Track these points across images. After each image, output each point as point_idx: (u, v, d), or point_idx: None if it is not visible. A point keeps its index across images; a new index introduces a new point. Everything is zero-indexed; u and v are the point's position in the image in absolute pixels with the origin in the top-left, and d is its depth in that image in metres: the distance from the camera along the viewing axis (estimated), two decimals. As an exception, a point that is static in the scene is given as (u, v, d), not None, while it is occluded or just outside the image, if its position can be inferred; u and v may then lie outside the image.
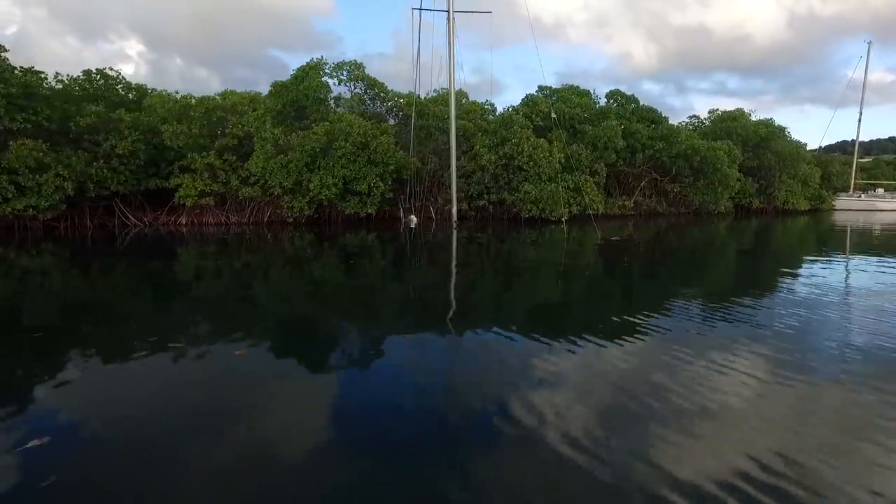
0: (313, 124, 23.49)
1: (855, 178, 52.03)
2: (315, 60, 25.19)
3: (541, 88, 32.13)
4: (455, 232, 21.52)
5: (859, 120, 53.75)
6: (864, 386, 4.89)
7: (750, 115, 41.05)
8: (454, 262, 14.30)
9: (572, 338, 6.32)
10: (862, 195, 50.49)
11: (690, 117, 40.46)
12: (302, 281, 11.77)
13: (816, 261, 14.25)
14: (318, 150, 22.27)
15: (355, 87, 28.14)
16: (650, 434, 3.91)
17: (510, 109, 28.95)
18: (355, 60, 27.25)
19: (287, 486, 3.29)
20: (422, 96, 27.18)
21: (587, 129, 27.13)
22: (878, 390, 4.77)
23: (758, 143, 37.41)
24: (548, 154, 24.35)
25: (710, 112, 39.69)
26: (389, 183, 23.75)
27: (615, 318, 7.46)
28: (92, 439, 3.91)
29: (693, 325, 6.98)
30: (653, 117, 31.68)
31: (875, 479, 3.35)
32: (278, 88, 25.30)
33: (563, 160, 25.32)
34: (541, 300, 9.36)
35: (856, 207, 47.83)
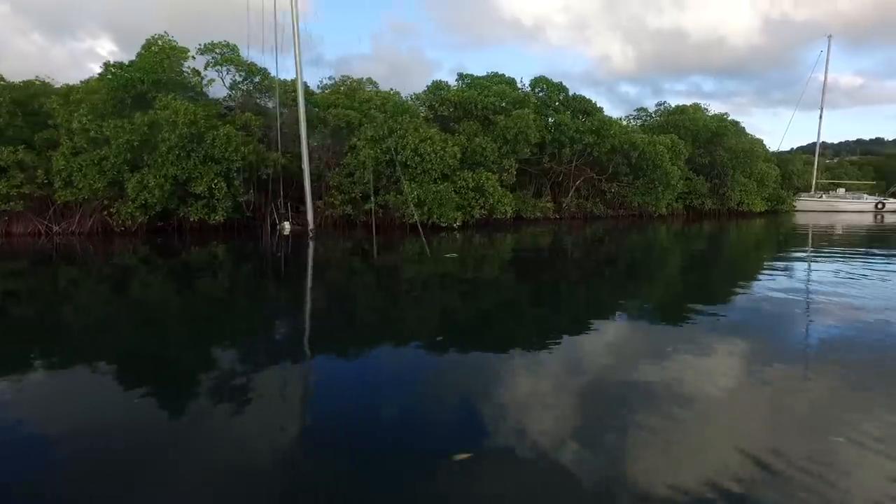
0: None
1: (817, 178, 49.07)
2: (156, 36, 20.37)
3: (460, 76, 27.85)
4: (311, 243, 17.14)
5: (820, 118, 51.21)
6: (827, 377, 5.20)
7: (706, 109, 37.42)
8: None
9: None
10: (823, 195, 47.43)
11: (638, 110, 36.48)
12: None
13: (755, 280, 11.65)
14: (136, 143, 17.48)
15: (232, 74, 23.40)
16: (625, 433, 3.91)
17: (411, 97, 24.49)
18: (227, 42, 22.51)
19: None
20: (310, 84, 22.78)
21: (499, 120, 22.73)
22: (842, 380, 5.09)
23: (709, 139, 33.59)
24: (440, 148, 19.88)
25: (657, 105, 35.76)
26: (239, 183, 19.06)
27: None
28: None
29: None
30: (586, 108, 27.46)
31: (846, 466, 3.48)
32: (115, 70, 20.41)
33: (462, 155, 20.96)
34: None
35: (817, 208, 44.82)
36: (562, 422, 4.12)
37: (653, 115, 35.48)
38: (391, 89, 25.56)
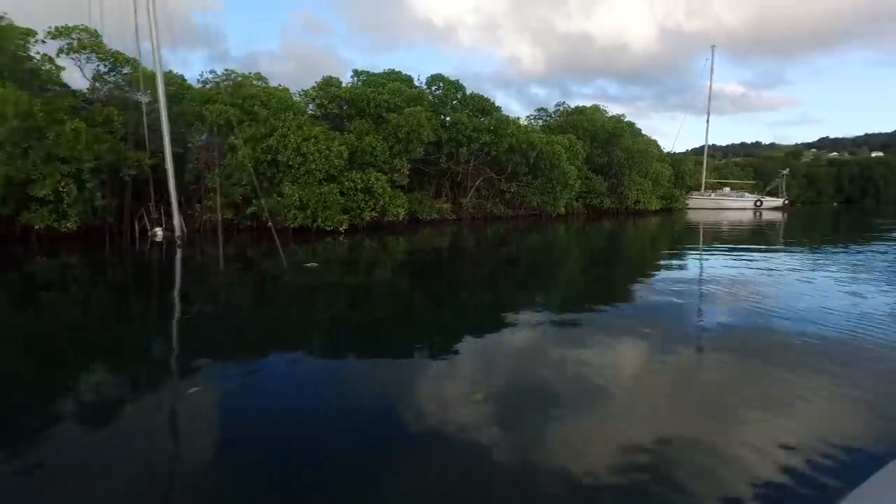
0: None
1: (706, 178, 52.39)
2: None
3: (356, 73, 26.69)
4: (179, 251, 15.40)
5: (707, 122, 54.85)
6: (724, 358, 5.59)
7: (605, 111, 38.55)
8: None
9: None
10: (712, 194, 50.72)
11: (538, 110, 36.94)
12: None
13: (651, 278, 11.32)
14: (-44, 138, 14.94)
15: (95, 63, 20.81)
16: (539, 426, 3.94)
17: (299, 94, 23.03)
18: (86, 26, 19.95)
19: None
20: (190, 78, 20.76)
21: (392, 118, 21.82)
22: (737, 360, 5.51)
23: (607, 140, 34.60)
24: (325, 148, 18.67)
25: (557, 105, 36.36)
26: (95, 186, 16.85)
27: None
28: None
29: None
30: (484, 107, 27.19)
31: (742, 433, 3.84)
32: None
33: (352, 155, 19.88)
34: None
35: (706, 206, 47.78)
36: (476, 421, 4.06)
37: (553, 116, 36.05)
38: (280, 85, 23.99)
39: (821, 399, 4.54)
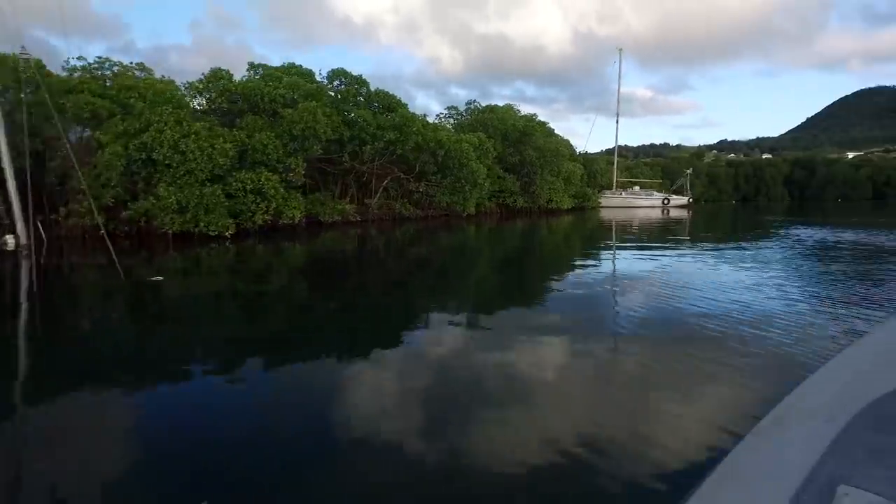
0: None
1: (617, 177, 54.26)
2: None
3: (251, 66, 24.92)
4: (24, 262, 13.32)
5: (616, 122, 56.62)
6: (641, 350, 5.72)
7: (517, 110, 38.71)
8: None
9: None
10: (622, 192, 52.52)
11: (449, 108, 36.50)
12: None
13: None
14: None
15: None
16: (465, 425, 3.93)
17: (184, 86, 21.09)
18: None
19: None
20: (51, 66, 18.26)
21: (286, 114, 20.41)
22: (651, 350, 5.71)
23: (518, 139, 34.68)
24: (208, 145, 17.05)
25: (467, 104, 36.06)
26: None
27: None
28: None
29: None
30: (389, 104, 26.27)
31: (664, 423, 3.99)
32: None
33: (242, 154, 18.37)
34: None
35: (618, 204, 49.34)
36: (394, 429, 3.91)
37: (464, 114, 35.72)
38: (163, 76, 21.91)
39: (723, 384, 4.80)
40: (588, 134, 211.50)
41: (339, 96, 24.91)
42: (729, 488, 1.07)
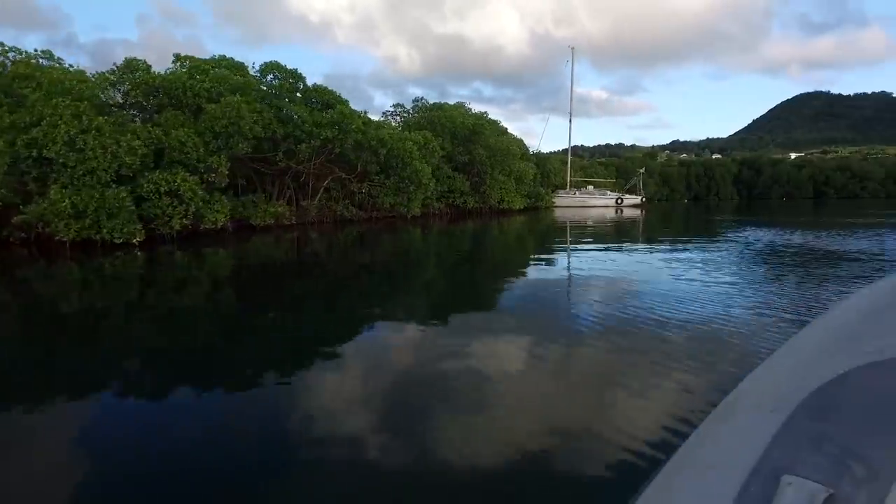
0: None
1: (571, 177, 54.15)
2: None
3: (177, 57, 23.06)
4: None
5: (570, 121, 56.61)
6: (599, 345, 5.82)
7: (469, 108, 37.82)
8: None
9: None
10: (577, 192, 52.39)
11: (395, 106, 35.27)
12: None
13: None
14: None
15: None
16: (433, 426, 3.92)
17: (94, 76, 19.14)
18: None
19: None
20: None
21: (210, 109, 18.77)
22: (611, 346, 5.81)
23: (467, 137, 33.72)
24: (112, 142, 15.32)
25: (415, 101, 34.92)
26: None
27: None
28: None
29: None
30: (328, 100, 24.84)
31: (622, 415, 4.10)
32: None
33: (159, 152, 16.69)
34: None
35: (572, 204, 49.13)
36: (355, 436, 3.79)
37: (410, 112, 34.55)
38: (71, 65, 19.87)
39: (679, 379, 4.78)
40: (542, 133, 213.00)
41: (274, 91, 23.31)
42: (679, 481, 1.09)
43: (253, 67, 24.46)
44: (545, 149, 77.52)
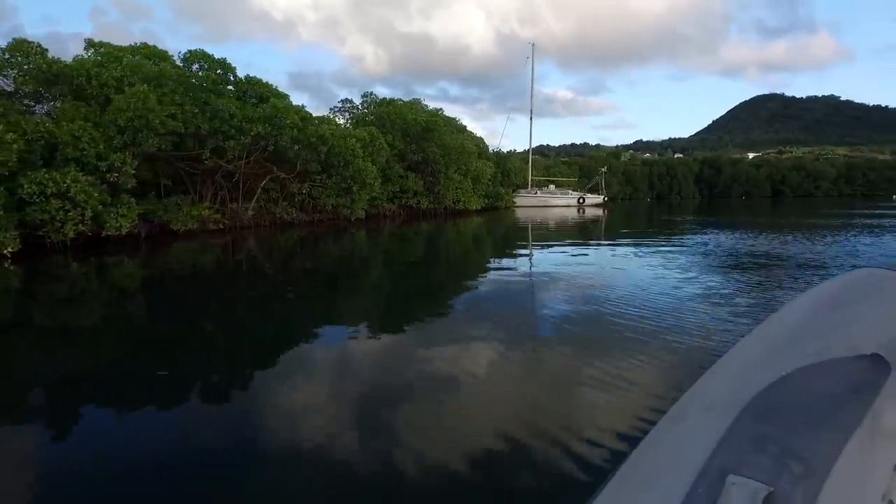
0: None
1: (532, 176, 53.05)
2: None
3: (88, 43, 20.82)
4: None
5: (531, 120, 55.34)
6: (561, 353, 5.65)
7: (425, 105, 36.19)
8: None
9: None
10: (538, 192, 51.34)
11: (343, 101, 33.32)
12: None
13: None
14: None
15: None
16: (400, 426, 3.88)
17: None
18: None
19: None
20: None
21: (117, 101, 16.63)
22: (576, 347, 5.75)
23: (420, 135, 32.08)
24: (-15, 134, 13.15)
25: (364, 96, 33.10)
26: None
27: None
28: None
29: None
30: (262, 93, 22.87)
31: (587, 414, 4.06)
32: None
33: (51, 149, 14.54)
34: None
35: (533, 204, 48.03)
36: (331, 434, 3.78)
37: (359, 108, 32.71)
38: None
39: (642, 379, 4.72)
40: (502, 131, 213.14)
41: (203, 84, 21.20)
42: (631, 487, 1.11)
43: (179, 55, 22.35)
44: (516, 148, 76.77)
